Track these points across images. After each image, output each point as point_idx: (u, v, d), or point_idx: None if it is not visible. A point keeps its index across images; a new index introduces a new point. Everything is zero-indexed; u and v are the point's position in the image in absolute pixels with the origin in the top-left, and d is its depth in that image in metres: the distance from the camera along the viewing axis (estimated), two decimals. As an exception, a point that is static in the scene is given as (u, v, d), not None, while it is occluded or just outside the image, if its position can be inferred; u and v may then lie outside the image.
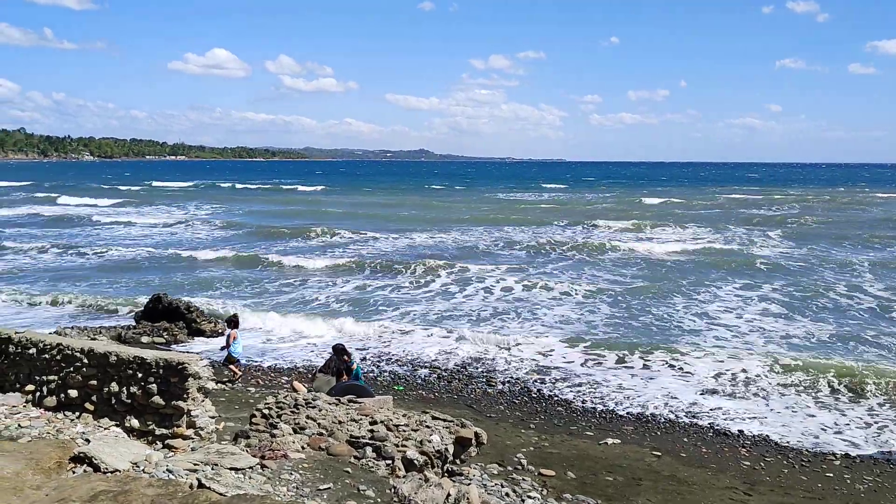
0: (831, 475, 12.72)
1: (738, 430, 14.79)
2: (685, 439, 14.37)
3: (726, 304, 26.08)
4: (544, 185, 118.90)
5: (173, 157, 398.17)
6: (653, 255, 38.65)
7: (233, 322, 17.56)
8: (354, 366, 15.89)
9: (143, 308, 23.26)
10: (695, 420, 15.39)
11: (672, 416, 15.59)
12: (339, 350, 16.28)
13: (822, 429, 15.00)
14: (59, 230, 50.95)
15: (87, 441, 7.89)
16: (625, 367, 18.94)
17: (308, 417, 10.84)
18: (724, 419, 15.43)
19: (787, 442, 14.26)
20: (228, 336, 17.32)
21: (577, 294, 27.75)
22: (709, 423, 15.20)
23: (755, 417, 15.54)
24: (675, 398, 16.65)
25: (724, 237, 45.70)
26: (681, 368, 18.62)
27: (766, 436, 14.52)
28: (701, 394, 16.90)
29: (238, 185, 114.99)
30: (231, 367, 17.23)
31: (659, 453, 13.46)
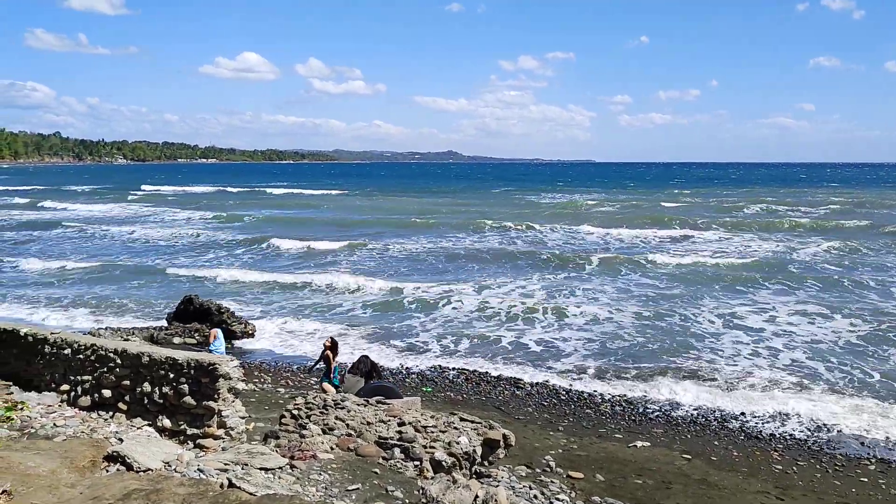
0: (865, 480, 12.48)
1: (770, 434, 14.58)
2: (716, 442, 14.20)
3: (762, 309, 25.70)
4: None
5: (204, 160, 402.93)
6: (689, 263, 38.27)
7: (217, 323, 17.67)
8: (335, 363, 16.11)
9: (175, 309, 23.57)
10: (725, 423, 15.19)
11: (702, 419, 15.41)
12: (330, 345, 16.62)
13: (856, 433, 14.71)
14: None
15: (121, 440, 8.01)
16: (655, 369, 18.75)
17: (337, 418, 10.92)
18: (756, 423, 15.22)
19: (820, 446, 14.01)
20: (209, 335, 17.45)
21: (606, 298, 27.61)
22: (739, 427, 15.00)
23: (787, 422, 15.29)
24: (705, 401, 16.46)
25: (768, 243, 44.62)
26: (711, 372, 18.40)
27: (798, 440, 14.29)
28: (730, 398, 16.67)
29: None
30: None
31: (689, 456, 13.32)
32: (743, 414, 15.69)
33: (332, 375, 15.97)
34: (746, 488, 11.96)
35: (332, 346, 16.39)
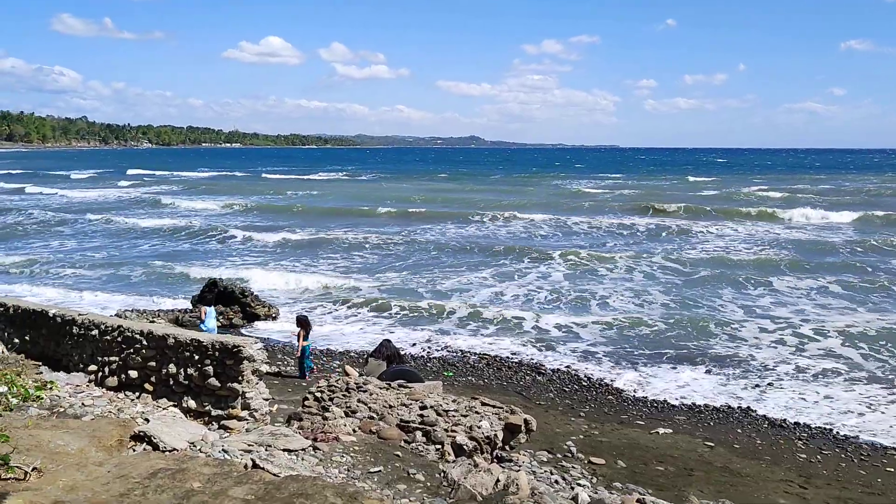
0: (892, 469, 12.34)
1: (794, 423, 14.44)
2: (738, 430, 14.10)
3: (788, 297, 25.42)
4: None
5: (228, 145, 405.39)
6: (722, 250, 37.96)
7: (207, 301, 17.80)
8: (304, 343, 16.34)
9: (200, 292, 23.79)
10: (748, 411, 15.06)
11: (725, 407, 15.30)
12: (301, 321, 17.11)
13: (882, 423, 14.52)
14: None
15: (147, 420, 8.13)
16: (680, 355, 18.65)
17: (359, 401, 10.99)
18: (779, 411, 15.08)
19: (845, 435, 13.86)
20: (200, 312, 17.59)
21: (630, 285, 27.49)
22: (763, 414, 14.88)
23: (811, 410, 15.15)
24: (729, 389, 16.35)
25: (797, 231, 43.96)
26: (736, 359, 18.27)
27: (823, 428, 14.15)
28: (756, 385, 16.54)
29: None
30: None
31: (711, 444, 13.25)
32: (767, 402, 15.56)
33: (304, 356, 16.25)
34: (770, 476, 11.88)
35: (303, 324, 16.64)
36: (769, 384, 16.53)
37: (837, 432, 13.96)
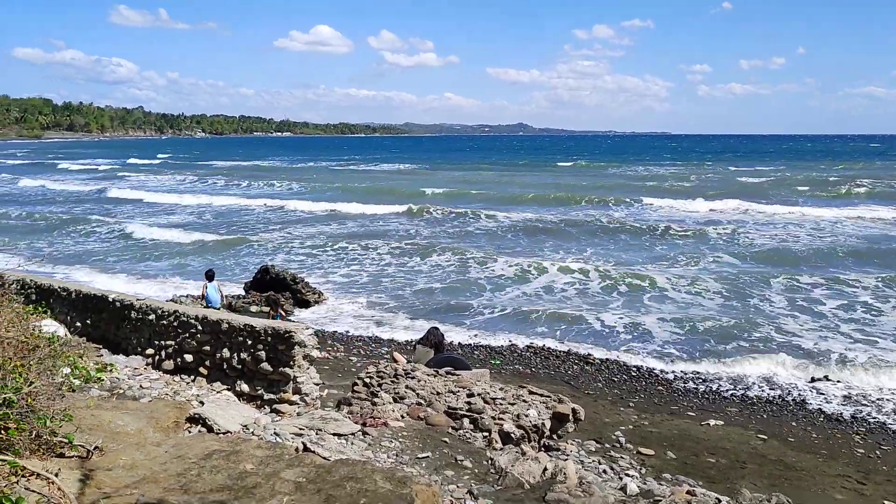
0: (955, 467, 11.95)
1: (852, 416, 14.07)
2: (793, 423, 13.80)
3: (850, 289, 24.70)
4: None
5: (279, 134, 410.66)
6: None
7: (208, 276, 18.03)
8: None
9: (252, 278, 24.25)
10: (804, 404, 14.73)
11: (779, 399, 14.98)
12: (271, 301, 17.76)
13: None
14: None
15: (202, 403, 8.34)
16: (731, 347, 18.31)
17: (407, 387, 11.09)
18: (837, 404, 14.70)
19: (907, 430, 13.44)
20: (203, 286, 17.85)
21: (683, 273, 27.08)
22: (819, 407, 14.53)
23: (871, 404, 14.73)
24: (783, 381, 16.01)
25: (860, 222, 42.51)
26: (791, 351, 17.85)
27: (883, 423, 13.75)
28: (812, 378, 16.15)
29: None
30: None
31: (765, 437, 13.00)
32: (823, 394, 15.19)
33: None
34: (826, 471, 11.61)
35: (272, 304, 17.30)
36: (825, 377, 16.12)
37: (897, 427, 13.55)
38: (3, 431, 4.54)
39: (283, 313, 18.45)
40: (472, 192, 58.10)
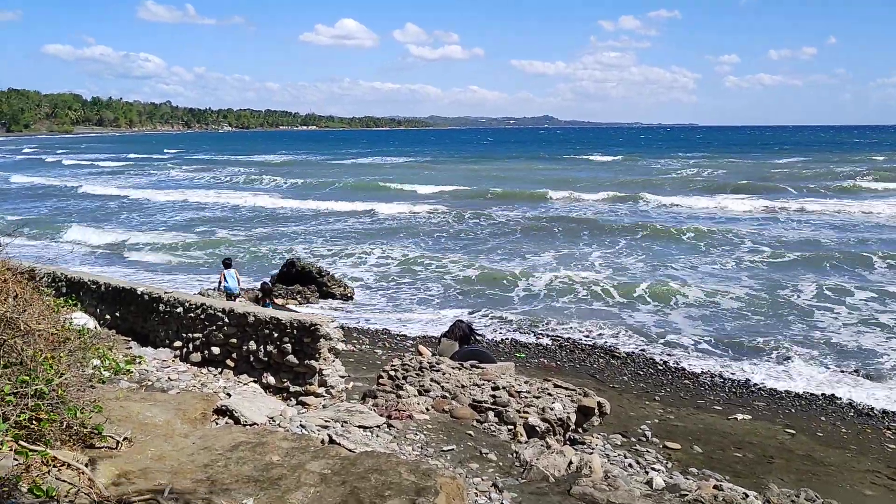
0: None
1: (882, 411, 13.83)
2: (822, 418, 13.62)
3: (878, 284, 24.31)
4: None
5: (304, 128, 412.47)
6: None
7: (226, 264, 18.24)
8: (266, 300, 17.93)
9: (278, 271, 24.45)
10: (833, 398, 14.51)
11: (808, 394, 14.78)
12: (265, 289, 18.44)
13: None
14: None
15: (229, 395, 8.42)
16: (758, 342, 18.11)
17: (432, 380, 11.10)
18: (867, 398, 14.46)
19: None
20: (221, 275, 18.03)
21: (710, 269, 26.81)
22: (848, 402, 14.31)
23: (903, 398, 14.49)
24: (812, 375, 15.79)
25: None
26: (819, 345, 17.62)
27: (915, 418, 13.51)
28: (841, 372, 15.92)
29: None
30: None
31: (793, 431, 12.84)
32: (852, 389, 14.95)
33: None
34: (855, 466, 11.44)
35: (265, 293, 18.35)
36: (854, 371, 15.89)
37: (930, 423, 13.31)
38: (34, 422, 4.62)
39: (275, 302, 19.40)
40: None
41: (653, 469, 10.12)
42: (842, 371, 15.93)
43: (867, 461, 11.68)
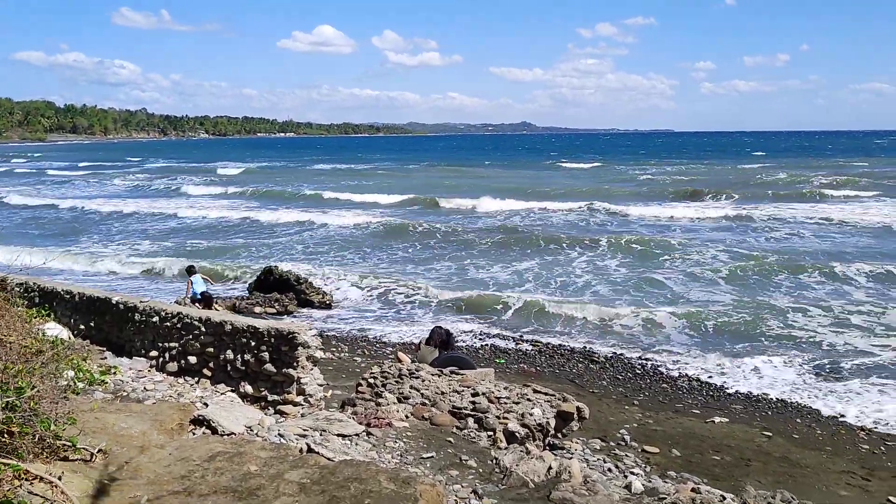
0: (962, 463, 11.90)
1: (857, 412, 13.99)
2: (798, 420, 13.77)
3: (859, 286, 24.65)
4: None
5: (282, 134, 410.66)
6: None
7: (190, 271, 18.32)
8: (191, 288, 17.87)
9: (256, 279, 24.29)
10: (809, 401, 14.68)
11: (784, 397, 14.94)
12: (206, 298, 18.21)
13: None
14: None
15: (206, 405, 8.34)
16: (738, 345, 18.30)
17: (412, 387, 11.07)
18: (841, 401, 14.64)
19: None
20: (188, 283, 18.09)
21: (692, 268, 27.04)
22: (823, 404, 14.47)
23: (876, 401, 14.66)
24: (788, 378, 15.97)
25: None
26: (798, 349, 17.83)
27: (889, 419, 13.68)
28: (817, 374, 16.11)
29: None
30: (196, 304, 17.76)
31: (769, 434, 12.97)
32: (828, 390, 15.14)
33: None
34: (830, 467, 11.58)
35: (206, 302, 17.97)
36: (830, 373, 16.09)
37: (903, 423, 13.49)
38: (6, 435, 4.55)
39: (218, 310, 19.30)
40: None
41: (632, 473, 10.17)
42: (817, 374, 16.11)
43: (842, 462, 11.83)
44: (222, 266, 28.21)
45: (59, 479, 4.57)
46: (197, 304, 18.15)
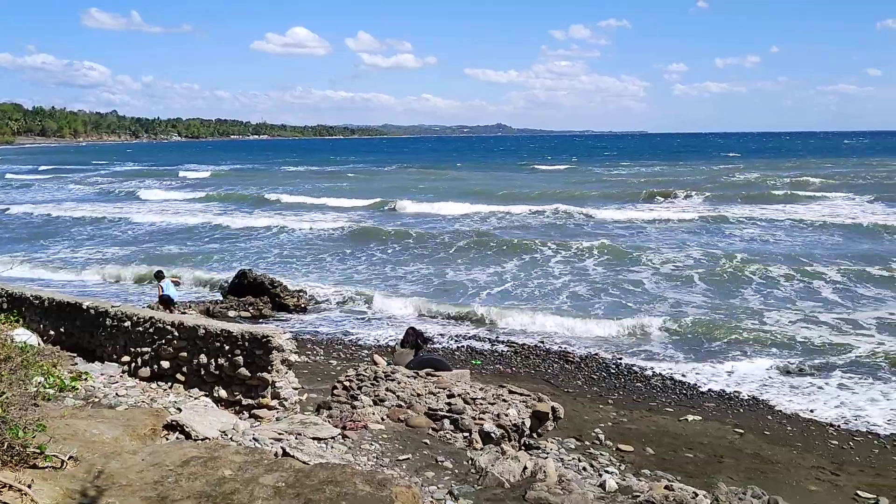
0: (928, 456, 12.14)
1: (826, 410, 14.22)
2: (769, 417, 13.97)
3: (828, 286, 25.01)
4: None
5: (256, 137, 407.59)
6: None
7: (158, 276, 18.18)
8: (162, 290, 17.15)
9: (230, 283, 24.08)
10: (780, 398, 14.89)
11: (756, 394, 15.14)
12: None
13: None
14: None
15: (179, 410, 8.28)
16: (709, 344, 18.51)
17: (387, 390, 11.08)
18: (811, 398, 14.87)
19: (877, 423, 13.62)
20: (157, 287, 17.91)
21: (665, 268, 27.31)
22: (792, 401, 14.68)
23: (845, 398, 14.92)
24: (759, 376, 16.18)
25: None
26: (769, 347, 18.07)
27: (856, 416, 13.94)
28: (787, 373, 16.34)
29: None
30: (169, 308, 17.58)
31: (741, 431, 13.15)
32: (798, 387, 15.37)
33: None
34: (801, 463, 11.77)
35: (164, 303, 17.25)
36: (801, 371, 16.32)
37: (869, 419, 13.73)
38: (-26, 443, 4.49)
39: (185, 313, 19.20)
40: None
41: (606, 472, 10.26)
42: (788, 372, 16.34)
43: (812, 458, 12.02)
44: (190, 272, 27.80)
45: (30, 486, 4.52)
46: (160, 307, 17.99)
